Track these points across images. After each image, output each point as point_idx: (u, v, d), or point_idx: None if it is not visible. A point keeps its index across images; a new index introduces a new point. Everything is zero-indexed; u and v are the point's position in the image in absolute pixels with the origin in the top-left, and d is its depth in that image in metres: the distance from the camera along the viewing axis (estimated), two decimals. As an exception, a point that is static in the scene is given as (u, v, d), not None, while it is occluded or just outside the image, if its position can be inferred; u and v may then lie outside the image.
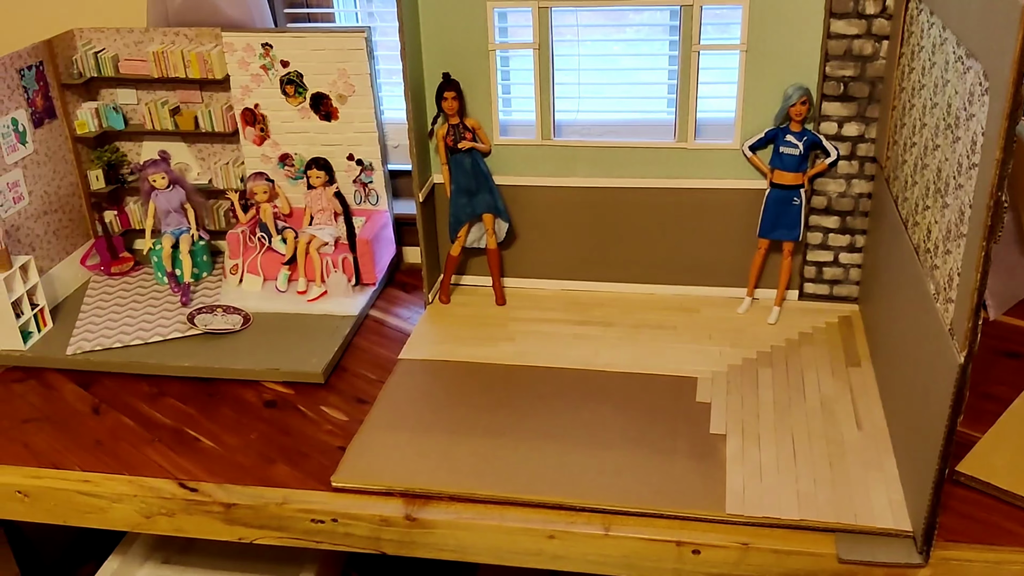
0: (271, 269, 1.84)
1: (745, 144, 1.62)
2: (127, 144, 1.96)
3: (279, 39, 1.78)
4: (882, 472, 1.29)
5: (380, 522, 1.30)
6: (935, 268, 1.17)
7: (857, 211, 1.64)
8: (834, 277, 1.70)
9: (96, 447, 1.48)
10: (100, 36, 1.87)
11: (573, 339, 1.66)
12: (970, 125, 1.06)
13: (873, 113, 1.56)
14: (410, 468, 1.36)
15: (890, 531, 1.20)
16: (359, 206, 1.89)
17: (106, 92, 1.92)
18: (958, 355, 1.04)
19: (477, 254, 1.83)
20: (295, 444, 1.45)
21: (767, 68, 1.58)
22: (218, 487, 1.37)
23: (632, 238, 1.75)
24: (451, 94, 1.66)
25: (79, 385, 1.64)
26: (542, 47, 1.65)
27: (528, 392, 1.52)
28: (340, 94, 1.80)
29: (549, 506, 1.29)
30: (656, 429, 1.41)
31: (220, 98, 1.88)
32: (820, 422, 1.40)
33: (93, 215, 1.96)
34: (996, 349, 1.59)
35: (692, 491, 1.28)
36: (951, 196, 1.12)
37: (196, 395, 1.59)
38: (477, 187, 1.73)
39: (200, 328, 1.71)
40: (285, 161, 1.88)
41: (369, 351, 1.69)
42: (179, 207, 1.86)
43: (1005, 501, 1.25)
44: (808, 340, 1.61)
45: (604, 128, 1.78)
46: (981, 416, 1.40)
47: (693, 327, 1.67)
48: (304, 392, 1.58)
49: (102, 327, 1.74)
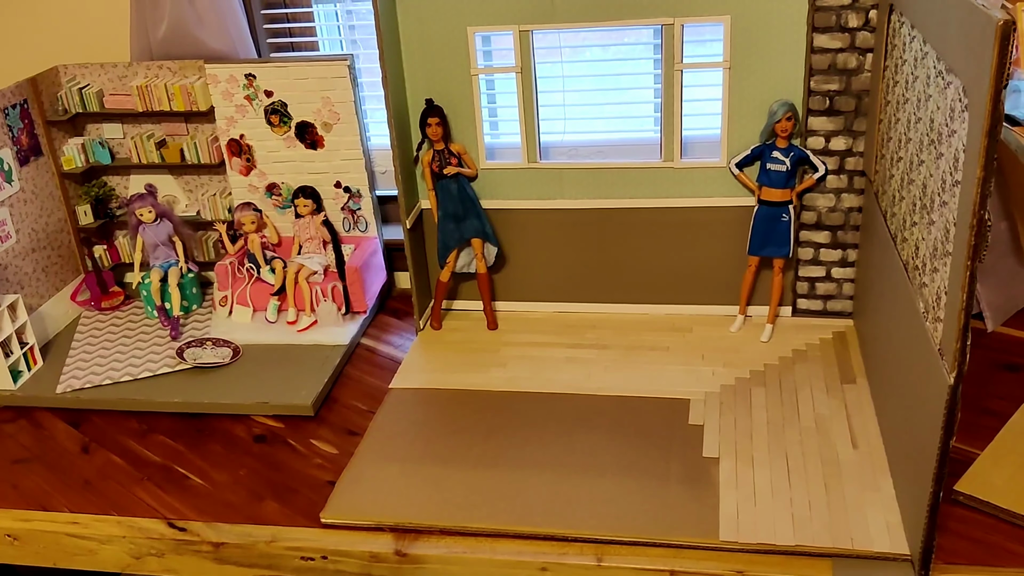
0: (260, 300, 1.82)
1: (732, 162, 1.61)
2: (114, 178, 1.96)
3: (262, 69, 1.77)
4: (878, 493, 1.27)
5: (370, 558, 1.28)
6: (923, 286, 1.15)
7: (848, 225, 1.62)
8: (827, 292, 1.68)
9: (85, 487, 1.46)
10: (84, 72, 1.87)
11: (565, 362, 1.64)
12: (952, 141, 1.04)
13: (860, 126, 1.55)
14: (400, 501, 1.34)
15: (888, 555, 1.17)
16: (348, 233, 1.88)
17: (92, 127, 1.92)
18: (948, 376, 1.02)
19: (468, 279, 1.82)
20: (284, 480, 1.44)
21: (751, 84, 1.57)
22: (207, 526, 1.36)
23: (623, 258, 1.74)
24: (435, 120, 1.65)
25: (69, 423, 1.62)
26: (524, 70, 1.64)
27: (520, 419, 1.50)
28: (325, 122, 1.79)
29: (541, 537, 1.27)
30: (649, 454, 1.39)
31: (205, 130, 1.87)
32: (815, 442, 1.38)
33: (82, 250, 1.95)
34: (995, 362, 1.57)
35: (685, 518, 1.26)
36: (936, 213, 1.10)
37: (185, 431, 1.57)
38: (464, 212, 1.71)
39: (189, 362, 1.70)
40: (272, 191, 1.87)
41: (360, 381, 1.68)
42: (167, 240, 1.85)
43: (1005, 520, 1.22)
44: (802, 357, 1.59)
45: (591, 149, 1.76)
46: (979, 432, 1.37)
47: (686, 347, 1.65)
48: (294, 425, 1.56)
49: (92, 363, 1.73)
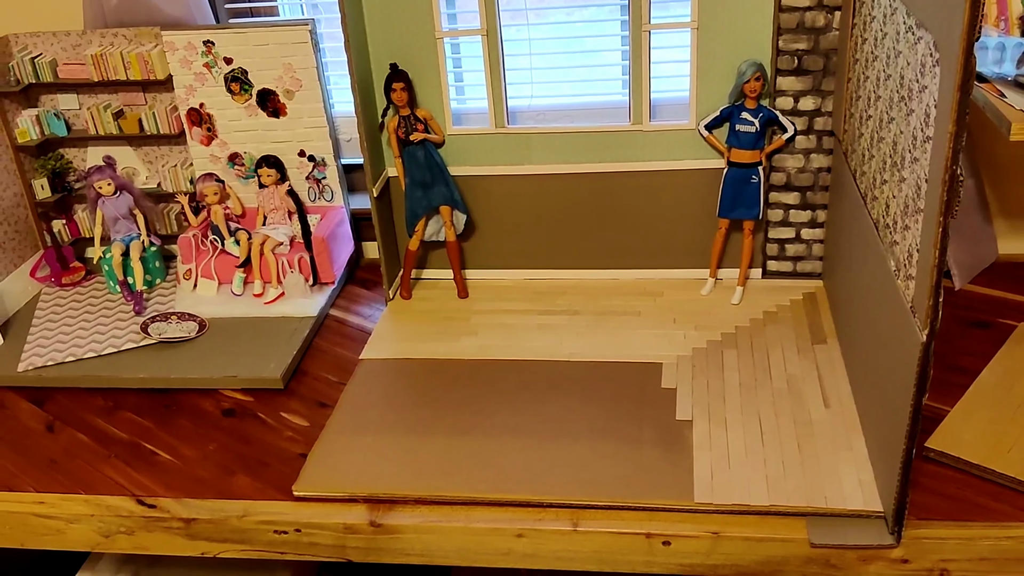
0: (226, 272, 1.79)
1: (701, 123, 1.59)
2: (71, 151, 1.91)
3: (221, 35, 1.72)
4: (851, 452, 1.27)
5: (344, 530, 1.27)
6: (895, 244, 1.15)
7: (817, 186, 1.61)
8: (797, 254, 1.68)
9: (51, 466, 1.43)
10: (36, 41, 1.81)
11: (537, 329, 1.63)
12: (923, 97, 1.03)
13: (829, 86, 1.54)
14: (373, 472, 1.33)
15: (861, 512, 1.18)
16: (314, 203, 1.85)
17: (46, 98, 1.86)
18: (920, 333, 1.02)
19: (437, 247, 1.79)
20: (255, 453, 1.42)
21: (719, 45, 1.55)
22: (177, 502, 1.34)
23: (592, 223, 1.72)
24: (400, 85, 1.62)
25: (32, 402, 1.59)
26: (490, 33, 1.61)
27: (493, 387, 1.49)
28: (287, 89, 1.75)
29: (516, 504, 1.26)
30: (622, 418, 1.39)
31: (164, 99, 1.83)
32: (787, 403, 1.38)
33: (41, 225, 1.90)
34: (963, 319, 1.58)
35: (660, 481, 1.26)
36: (907, 170, 1.10)
37: (152, 407, 1.55)
38: (432, 179, 1.69)
39: (154, 337, 1.67)
40: (235, 160, 1.83)
41: (330, 352, 1.66)
42: (128, 213, 1.81)
43: (976, 475, 1.23)
44: (773, 319, 1.59)
45: (559, 113, 1.74)
46: (949, 389, 1.38)
47: (657, 311, 1.64)
48: (263, 399, 1.54)
49: (54, 341, 1.70)
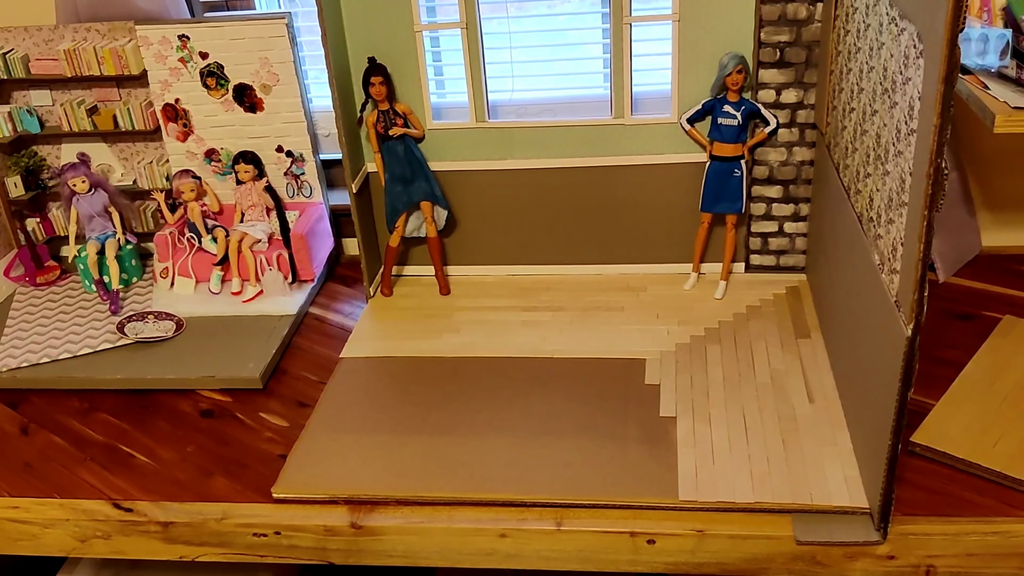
0: (203, 270, 1.76)
1: (683, 117, 1.58)
2: (45, 148, 1.87)
3: (196, 30, 1.70)
4: (836, 447, 1.26)
5: (325, 532, 1.25)
6: (879, 238, 1.14)
7: (800, 179, 1.60)
8: (780, 247, 1.67)
9: (25, 470, 1.41)
10: (7, 36, 1.78)
11: (520, 326, 1.61)
12: (907, 89, 1.02)
13: (811, 78, 1.53)
14: (354, 473, 1.31)
15: (847, 509, 1.17)
16: (292, 199, 1.83)
17: (19, 94, 1.83)
18: (905, 327, 1.01)
19: (418, 243, 1.77)
20: (234, 455, 1.39)
21: (701, 37, 1.53)
22: (154, 505, 1.31)
23: (575, 218, 1.70)
24: (378, 79, 1.60)
25: (6, 405, 1.56)
26: (470, 25, 1.59)
27: (476, 384, 1.47)
28: (264, 84, 1.72)
29: (499, 503, 1.24)
30: (606, 415, 1.37)
31: (139, 94, 1.79)
32: (771, 398, 1.37)
33: (14, 224, 1.87)
34: (947, 311, 1.57)
35: (644, 479, 1.24)
36: (891, 163, 1.09)
37: (129, 408, 1.52)
38: (412, 174, 1.67)
39: (131, 337, 1.64)
40: (211, 157, 1.80)
41: (310, 351, 1.63)
42: (103, 211, 1.78)
43: (962, 470, 1.23)
44: (756, 313, 1.58)
45: (541, 107, 1.73)
46: (934, 382, 1.37)
47: (640, 307, 1.63)
48: (242, 399, 1.52)
49: (28, 341, 1.67)
